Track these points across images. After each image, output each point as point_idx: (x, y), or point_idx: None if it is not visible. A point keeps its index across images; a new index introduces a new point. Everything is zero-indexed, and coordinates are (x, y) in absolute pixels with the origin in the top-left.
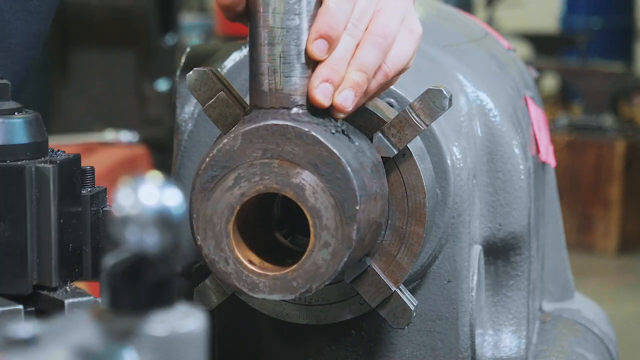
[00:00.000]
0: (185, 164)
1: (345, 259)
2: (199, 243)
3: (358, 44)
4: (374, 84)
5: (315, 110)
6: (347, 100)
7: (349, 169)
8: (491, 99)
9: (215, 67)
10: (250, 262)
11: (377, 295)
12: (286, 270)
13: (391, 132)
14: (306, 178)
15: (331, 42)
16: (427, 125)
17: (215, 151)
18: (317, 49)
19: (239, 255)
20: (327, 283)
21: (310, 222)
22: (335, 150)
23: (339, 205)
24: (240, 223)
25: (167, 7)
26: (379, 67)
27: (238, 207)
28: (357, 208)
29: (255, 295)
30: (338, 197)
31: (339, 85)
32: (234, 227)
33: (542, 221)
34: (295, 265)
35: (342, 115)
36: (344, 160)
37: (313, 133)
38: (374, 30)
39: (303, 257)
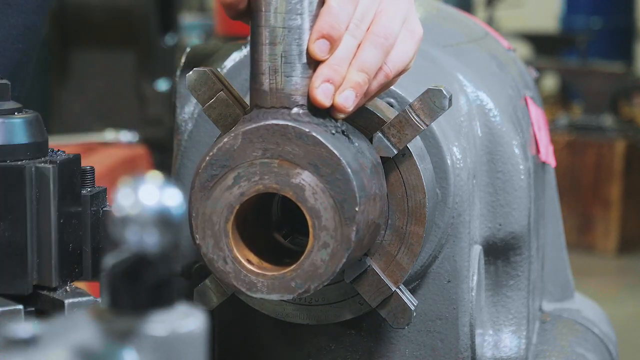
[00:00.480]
0: (185, 164)
1: (344, 260)
2: (197, 242)
3: (359, 45)
4: (375, 85)
5: (315, 110)
6: (347, 101)
7: (349, 170)
8: (491, 99)
9: (215, 67)
10: (249, 261)
11: (377, 295)
12: (285, 271)
13: (391, 132)
14: (306, 178)
15: (333, 42)
16: (427, 125)
17: (215, 150)
18: (319, 49)
19: (238, 255)
20: (325, 284)
21: (310, 223)
22: (335, 151)
23: (339, 206)
24: (240, 222)
25: (167, 7)
26: (380, 68)
27: (237, 207)
28: (357, 209)
29: (254, 295)
30: (338, 198)
31: (340, 85)
32: (233, 227)
33: (542, 221)
34: (294, 266)
35: (342, 116)
36: (344, 161)
37: (313, 133)
38: (375, 31)
39: (302, 258)
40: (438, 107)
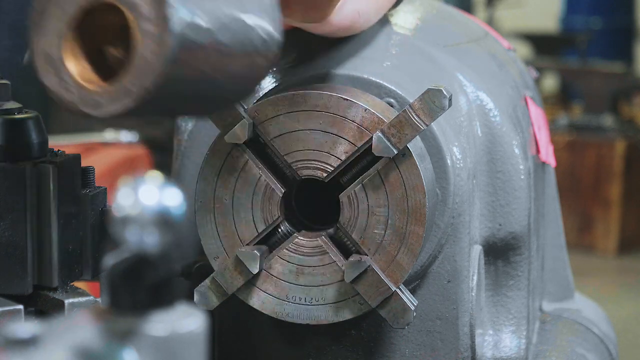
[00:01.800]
0: (185, 164)
1: (172, 47)
2: (45, 83)
3: None
4: None
5: None
6: None
7: None
8: (491, 99)
9: None
10: (90, 82)
11: (377, 295)
12: (119, 76)
13: (391, 132)
14: None
15: None
16: (427, 125)
17: None
18: None
19: (79, 80)
20: (162, 77)
21: (130, 18)
22: None
23: None
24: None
25: None
26: None
27: (67, 32)
28: None
29: (98, 115)
30: None
31: None
32: (69, 54)
33: (542, 221)
34: (127, 67)
35: None
36: None
37: None
38: None
39: (130, 56)
40: (438, 107)
